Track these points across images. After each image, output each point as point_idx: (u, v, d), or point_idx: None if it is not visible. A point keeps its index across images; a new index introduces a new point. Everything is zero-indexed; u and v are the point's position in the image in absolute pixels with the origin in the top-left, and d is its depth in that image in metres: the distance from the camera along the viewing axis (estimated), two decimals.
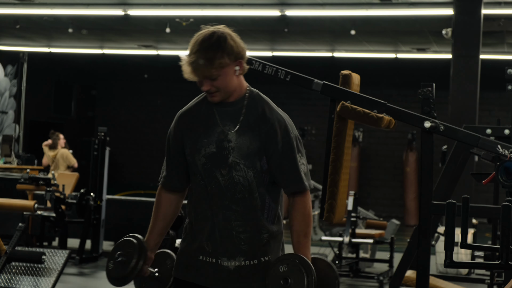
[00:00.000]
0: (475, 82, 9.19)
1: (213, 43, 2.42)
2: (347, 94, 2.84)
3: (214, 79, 2.44)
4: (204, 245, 2.52)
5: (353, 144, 9.90)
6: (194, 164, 2.52)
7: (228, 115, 2.51)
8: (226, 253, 2.49)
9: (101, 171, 8.26)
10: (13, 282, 5.42)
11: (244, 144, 2.47)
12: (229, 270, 2.49)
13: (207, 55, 2.40)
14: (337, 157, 2.86)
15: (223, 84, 2.46)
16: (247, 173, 2.47)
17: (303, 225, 2.50)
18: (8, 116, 15.34)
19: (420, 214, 2.83)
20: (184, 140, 2.55)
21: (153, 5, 10.56)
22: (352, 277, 7.60)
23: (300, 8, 10.46)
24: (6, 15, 11.67)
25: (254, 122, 2.49)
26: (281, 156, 2.49)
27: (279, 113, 2.53)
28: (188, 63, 2.43)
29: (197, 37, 2.45)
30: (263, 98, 2.56)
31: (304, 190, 2.51)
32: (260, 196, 2.49)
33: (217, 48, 2.41)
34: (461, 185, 5.50)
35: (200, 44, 2.42)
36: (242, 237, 2.49)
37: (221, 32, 2.45)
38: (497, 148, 2.78)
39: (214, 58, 2.41)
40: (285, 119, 2.53)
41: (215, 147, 2.48)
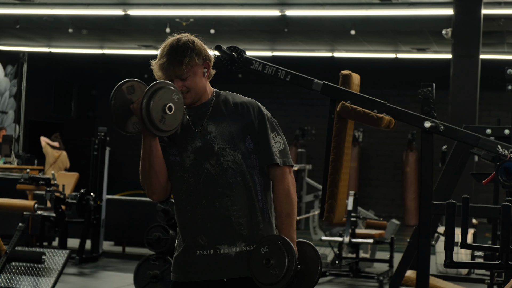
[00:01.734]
0: (475, 82, 9.19)
1: (182, 44, 2.56)
2: (347, 94, 2.85)
3: (185, 79, 2.55)
4: (198, 240, 2.54)
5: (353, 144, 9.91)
6: (182, 162, 2.57)
7: (198, 116, 2.61)
8: (226, 241, 2.52)
9: (101, 171, 8.26)
10: (13, 282, 5.42)
11: (224, 129, 2.57)
12: (231, 257, 2.52)
13: (177, 55, 2.54)
14: (337, 157, 2.86)
15: (193, 83, 2.56)
16: (235, 156, 2.55)
17: (284, 205, 2.56)
18: (8, 116, 15.34)
19: (420, 214, 2.83)
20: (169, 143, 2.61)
21: (153, 5, 10.57)
22: (352, 277, 7.60)
23: (300, 8, 10.46)
24: (6, 15, 11.67)
25: (225, 110, 2.60)
26: (258, 134, 2.58)
27: (249, 99, 2.65)
28: (159, 66, 2.56)
29: (166, 43, 2.60)
30: (229, 92, 2.68)
31: (273, 162, 2.57)
32: (251, 178, 2.56)
33: (186, 49, 2.55)
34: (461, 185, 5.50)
35: (169, 47, 2.57)
36: (242, 222, 2.53)
37: (188, 37, 2.60)
38: (497, 148, 2.78)
39: (184, 57, 2.53)
40: (257, 102, 2.65)
41: (200, 142, 2.57)
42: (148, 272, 5.86)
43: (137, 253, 8.33)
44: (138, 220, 8.47)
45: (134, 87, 2.54)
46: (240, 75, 14.50)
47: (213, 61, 2.64)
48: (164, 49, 2.57)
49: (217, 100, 2.63)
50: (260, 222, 2.56)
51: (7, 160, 13.26)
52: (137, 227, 8.35)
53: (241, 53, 2.90)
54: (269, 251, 2.47)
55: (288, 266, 2.45)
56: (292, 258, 2.45)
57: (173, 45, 2.56)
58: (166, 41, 2.60)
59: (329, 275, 7.72)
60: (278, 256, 2.46)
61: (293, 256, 2.46)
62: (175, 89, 2.48)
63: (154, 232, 6.01)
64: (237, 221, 2.52)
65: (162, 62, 2.55)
